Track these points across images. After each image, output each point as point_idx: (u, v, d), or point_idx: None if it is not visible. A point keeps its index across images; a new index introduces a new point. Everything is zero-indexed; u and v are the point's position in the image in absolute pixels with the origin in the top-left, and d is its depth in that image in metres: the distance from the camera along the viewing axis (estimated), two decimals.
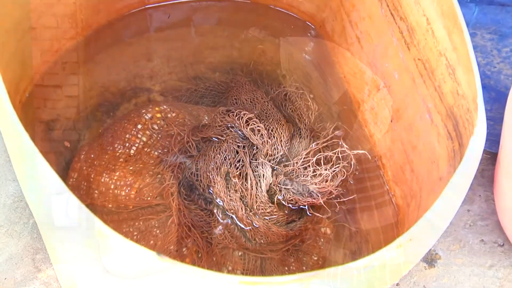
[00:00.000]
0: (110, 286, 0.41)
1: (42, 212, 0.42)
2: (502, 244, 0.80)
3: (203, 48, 0.96)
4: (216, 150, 0.76)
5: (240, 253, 0.75)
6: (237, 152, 0.77)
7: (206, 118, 0.83)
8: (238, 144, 0.77)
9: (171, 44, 0.95)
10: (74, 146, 0.80)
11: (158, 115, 0.80)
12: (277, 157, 0.77)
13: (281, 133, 0.78)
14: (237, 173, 0.75)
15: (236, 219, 0.73)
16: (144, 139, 0.78)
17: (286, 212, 0.76)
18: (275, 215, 0.74)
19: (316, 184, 0.74)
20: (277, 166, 0.76)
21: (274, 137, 0.78)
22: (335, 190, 0.75)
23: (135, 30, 0.94)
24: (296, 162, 0.76)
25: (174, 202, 0.73)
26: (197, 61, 0.94)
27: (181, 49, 0.95)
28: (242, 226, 0.73)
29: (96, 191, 0.74)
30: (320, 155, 0.76)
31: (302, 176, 0.75)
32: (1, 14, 0.63)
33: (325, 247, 0.79)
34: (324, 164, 0.75)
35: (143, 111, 0.80)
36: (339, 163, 0.75)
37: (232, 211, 0.73)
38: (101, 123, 0.84)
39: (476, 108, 0.53)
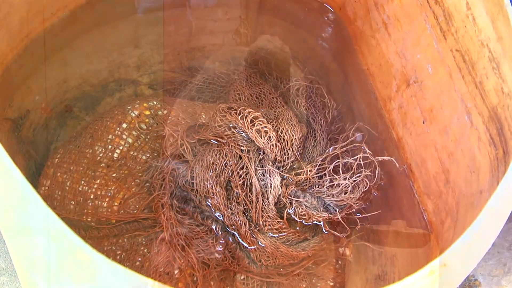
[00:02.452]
0: None
1: (9, 225, 0.43)
2: None
3: (201, 33, 0.96)
4: (216, 155, 0.77)
5: (242, 277, 0.75)
6: (240, 158, 0.77)
7: (203, 116, 0.83)
8: (242, 147, 0.78)
9: (163, 28, 0.95)
10: (46, 148, 0.81)
11: (147, 113, 0.80)
12: (287, 164, 0.78)
13: (293, 135, 0.79)
14: (240, 182, 0.75)
15: (238, 237, 0.74)
16: (130, 140, 0.79)
17: (297, 229, 0.77)
18: (284, 232, 0.75)
19: (333, 196, 0.74)
20: (287, 175, 0.77)
21: (284, 140, 0.78)
22: (356, 203, 0.75)
23: (120, 10, 0.94)
24: (310, 170, 0.76)
25: (165, 216, 0.74)
26: (193, 49, 0.95)
27: (174, 34, 0.95)
28: (246, 245, 0.74)
29: (73, 202, 0.75)
30: (338, 161, 0.76)
31: (317, 186, 0.75)
32: None
33: (344, 271, 0.79)
34: (343, 173, 0.76)
35: (129, 107, 0.80)
36: (361, 172, 0.76)
37: (233, 227, 0.74)
38: (79, 121, 0.85)
39: None
